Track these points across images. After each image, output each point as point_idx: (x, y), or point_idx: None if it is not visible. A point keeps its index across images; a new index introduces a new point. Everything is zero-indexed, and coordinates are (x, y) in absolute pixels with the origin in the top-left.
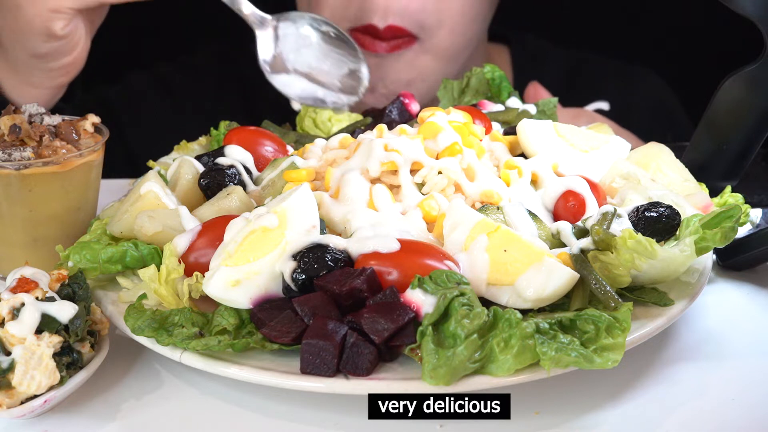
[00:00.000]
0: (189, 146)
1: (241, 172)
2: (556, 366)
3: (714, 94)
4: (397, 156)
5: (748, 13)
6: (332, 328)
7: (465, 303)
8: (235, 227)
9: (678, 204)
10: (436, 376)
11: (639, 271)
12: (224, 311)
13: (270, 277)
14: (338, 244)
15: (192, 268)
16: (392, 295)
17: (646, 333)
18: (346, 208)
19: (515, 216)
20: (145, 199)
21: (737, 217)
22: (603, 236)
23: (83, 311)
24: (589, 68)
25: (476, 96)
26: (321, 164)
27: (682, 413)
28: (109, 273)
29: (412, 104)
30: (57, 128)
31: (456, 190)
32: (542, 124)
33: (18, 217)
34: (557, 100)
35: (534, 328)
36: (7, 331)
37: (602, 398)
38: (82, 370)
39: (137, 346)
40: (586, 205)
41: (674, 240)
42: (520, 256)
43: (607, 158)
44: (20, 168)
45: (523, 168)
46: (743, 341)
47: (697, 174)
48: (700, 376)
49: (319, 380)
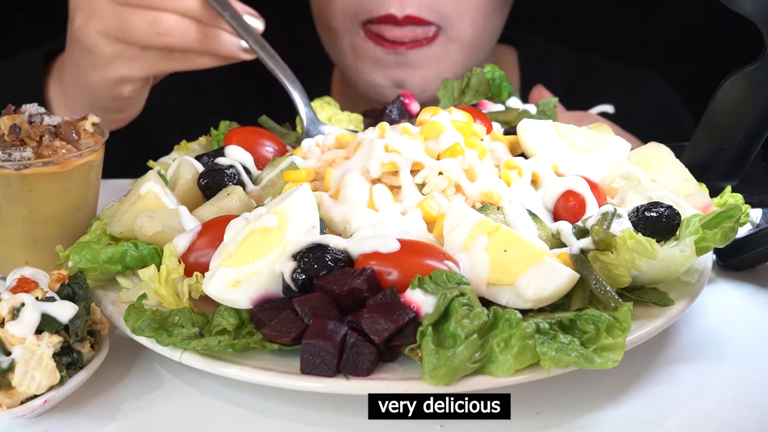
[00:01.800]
0: (189, 146)
1: (241, 172)
2: (556, 366)
3: (714, 94)
4: (397, 157)
5: (748, 13)
6: (332, 328)
7: (465, 303)
8: (235, 227)
9: (678, 204)
10: (436, 376)
11: (639, 271)
12: (224, 311)
13: (270, 277)
14: (338, 244)
15: (192, 268)
16: (392, 295)
17: (646, 333)
18: (346, 208)
19: (515, 216)
20: (145, 199)
21: (737, 217)
22: (603, 236)
23: (83, 311)
24: (594, 70)
25: (476, 96)
26: (321, 164)
27: (682, 413)
28: (109, 273)
29: (412, 104)
30: (57, 128)
31: (456, 190)
32: (542, 124)
33: (18, 217)
34: (557, 101)
35: (534, 328)
36: (7, 331)
37: (602, 398)
38: (82, 370)
39: (137, 346)
40: (586, 205)
41: (674, 240)
42: (520, 256)
43: (607, 158)
44: (20, 168)
45: (524, 168)
46: (743, 341)
47: (697, 174)
48: (700, 376)
49: (319, 380)
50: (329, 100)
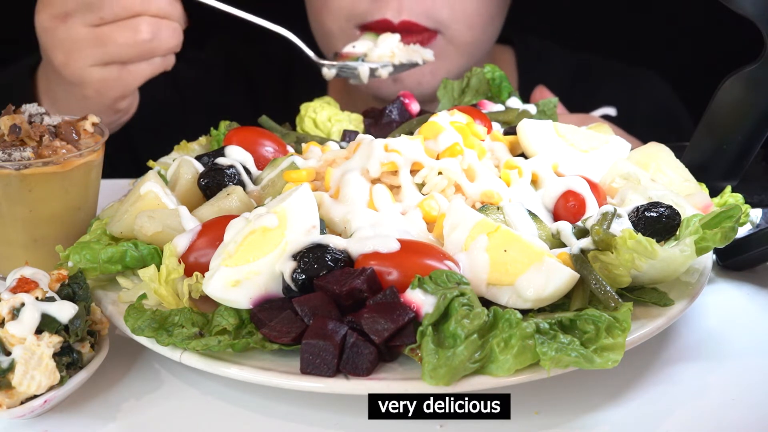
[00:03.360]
0: (189, 146)
1: (241, 172)
2: (556, 366)
3: (714, 94)
4: (397, 156)
5: (748, 13)
6: (332, 328)
7: (465, 303)
8: (235, 227)
9: (678, 204)
10: (436, 376)
11: (639, 271)
12: (224, 311)
13: (270, 277)
14: (338, 244)
15: (192, 268)
16: (392, 295)
17: (646, 333)
18: (346, 208)
19: (515, 216)
20: (145, 199)
21: (737, 217)
22: (603, 236)
23: (83, 311)
24: (593, 70)
25: (476, 96)
26: (321, 164)
27: (682, 413)
28: (109, 273)
29: (412, 104)
30: (57, 128)
31: (456, 190)
32: (542, 124)
33: (18, 217)
34: (557, 100)
35: (534, 328)
36: (7, 331)
37: (602, 398)
38: (82, 370)
39: (137, 346)
40: (586, 205)
41: (674, 240)
42: (520, 256)
43: (607, 158)
44: (20, 168)
45: (524, 168)
46: (743, 341)
47: (697, 174)
48: (700, 376)
49: (319, 380)
50: (329, 100)
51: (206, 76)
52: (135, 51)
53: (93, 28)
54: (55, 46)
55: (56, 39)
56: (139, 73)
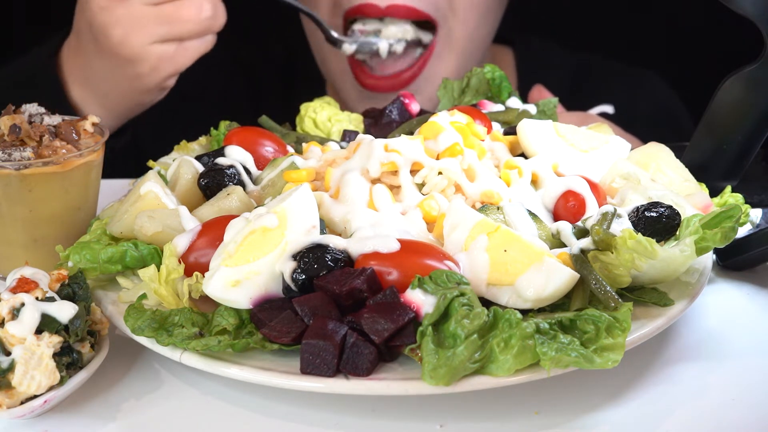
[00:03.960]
0: (189, 146)
1: (241, 172)
2: (556, 366)
3: (714, 94)
4: (397, 156)
5: (748, 13)
6: (332, 328)
7: (465, 303)
8: (235, 227)
9: (678, 204)
10: (436, 376)
11: (639, 271)
12: (224, 311)
13: (270, 277)
14: (338, 244)
15: (192, 268)
16: (392, 295)
17: (646, 333)
18: (346, 208)
19: (515, 216)
20: (145, 199)
21: (737, 217)
22: (603, 236)
23: (83, 311)
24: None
25: (476, 96)
26: (321, 164)
27: (682, 413)
28: (109, 273)
29: (412, 104)
30: (57, 128)
31: (456, 190)
32: (542, 124)
33: (18, 217)
34: (557, 101)
35: (534, 328)
36: (7, 331)
37: (602, 398)
38: (82, 370)
39: (137, 346)
40: (586, 205)
41: (674, 240)
42: (520, 256)
43: (607, 158)
44: (20, 168)
45: (524, 168)
46: (743, 341)
47: (697, 174)
48: (700, 376)
49: (319, 380)
50: (329, 100)
51: (206, 75)
52: (197, 28)
53: (154, 6)
54: (114, 24)
55: (114, 17)
56: (194, 50)
